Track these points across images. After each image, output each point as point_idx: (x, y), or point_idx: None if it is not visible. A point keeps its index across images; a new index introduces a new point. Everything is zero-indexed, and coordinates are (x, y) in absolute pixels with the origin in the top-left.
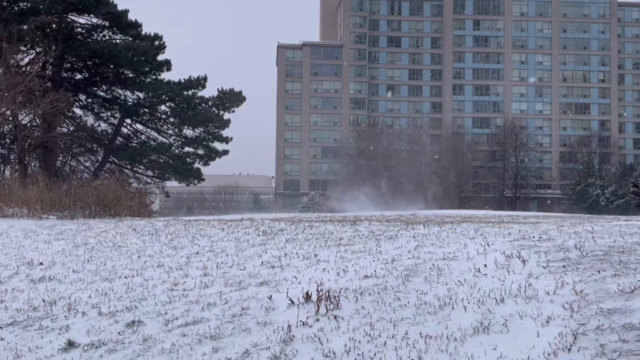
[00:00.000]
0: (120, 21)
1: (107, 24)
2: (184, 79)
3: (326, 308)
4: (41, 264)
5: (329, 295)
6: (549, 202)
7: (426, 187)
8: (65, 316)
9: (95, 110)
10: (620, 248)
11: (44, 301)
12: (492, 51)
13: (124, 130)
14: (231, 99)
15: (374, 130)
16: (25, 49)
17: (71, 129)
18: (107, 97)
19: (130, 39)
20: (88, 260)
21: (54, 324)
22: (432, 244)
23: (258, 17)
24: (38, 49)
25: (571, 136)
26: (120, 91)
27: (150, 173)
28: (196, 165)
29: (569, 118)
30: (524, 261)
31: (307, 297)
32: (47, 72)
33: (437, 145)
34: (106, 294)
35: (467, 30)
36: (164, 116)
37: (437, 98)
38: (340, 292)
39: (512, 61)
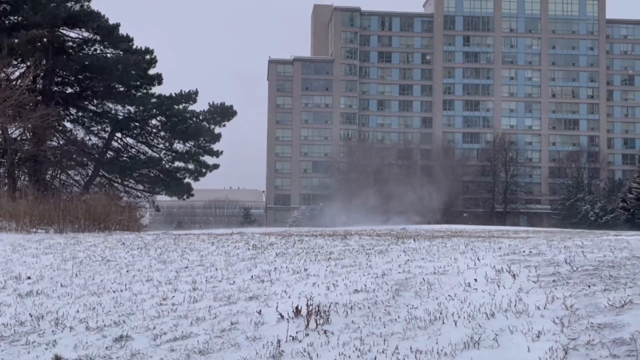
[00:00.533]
0: (111, 35)
1: (98, 37)
2: (175, 93)
3: (316, 323)
4: (29, 278)
5: (318, 310)
6: (538, 217)
7: (416, 202)
8: (52, 331)
9: (86, 124)
10: (610, 263)
11: (31, 316)
12: (482, 67)
13: (115, 144)
14: (222, 113)
15: (364, 145)
16: (16, 62)
17: (61, 142)
18: (98, 111)
19: (122, 52)
20: (76, 275)
21: (40, 339)
22: (422, 259)
23: (249, 32)
24: (29, 63)
25: (560, 151)
26: (111, 105)
27: (140, 187)
28: (186, 180)
29: (558, 134)
30: (514, 276)
31: (297, 311)
32: (38, 85)
33: (427, 160)
34: (94, 308)
35: (457, 46)
36: (154, 130)
37: (427, 113)
38: (330, 306)
39: (502, 77)
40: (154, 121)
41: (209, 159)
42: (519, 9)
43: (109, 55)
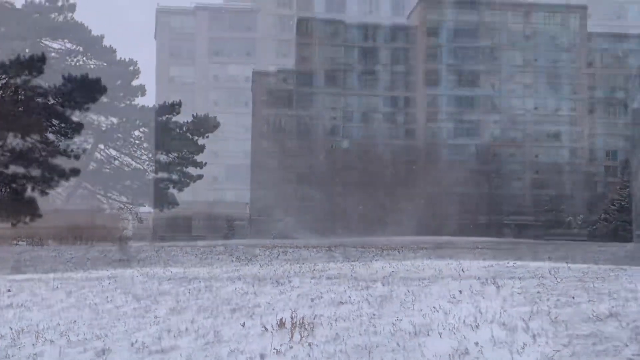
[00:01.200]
0: (94, 46)
1: (81, 49)
2: (159, 104)
3: (300, 335)
4: (9, 290)
5: (303, 322)
6: (522, 228)
7: (401, 213)
8: (33, 345)
9: (69, 135)
10: (594, 274)
11: (11, 329)
12: (466, 79)
13: (98, 155)
14: (205, 124)
15: (349, 156)
16: None
17: (44, 154)
18: (81, 122)
19: (105, 64)
20: (57, 287)
21: (21, 353)
22: (407, 270)
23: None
24: (11, 74)
25: (543, 163)
26: (94, 116)
27: (123, 199)
28: (170, 190)
29: (541, 146)
30: (498, 287)
31: (281, 324)
32: (20, 97)
33: (411, 172)
34: (75, 321)
35: (441, 58)
36: (137, 141)
37: (411, 125)
38: (314, 318)
39: (485, 89)
40: (137, 132)
41: (192, 170)
42: (502, 21)
43: (92, 66)
